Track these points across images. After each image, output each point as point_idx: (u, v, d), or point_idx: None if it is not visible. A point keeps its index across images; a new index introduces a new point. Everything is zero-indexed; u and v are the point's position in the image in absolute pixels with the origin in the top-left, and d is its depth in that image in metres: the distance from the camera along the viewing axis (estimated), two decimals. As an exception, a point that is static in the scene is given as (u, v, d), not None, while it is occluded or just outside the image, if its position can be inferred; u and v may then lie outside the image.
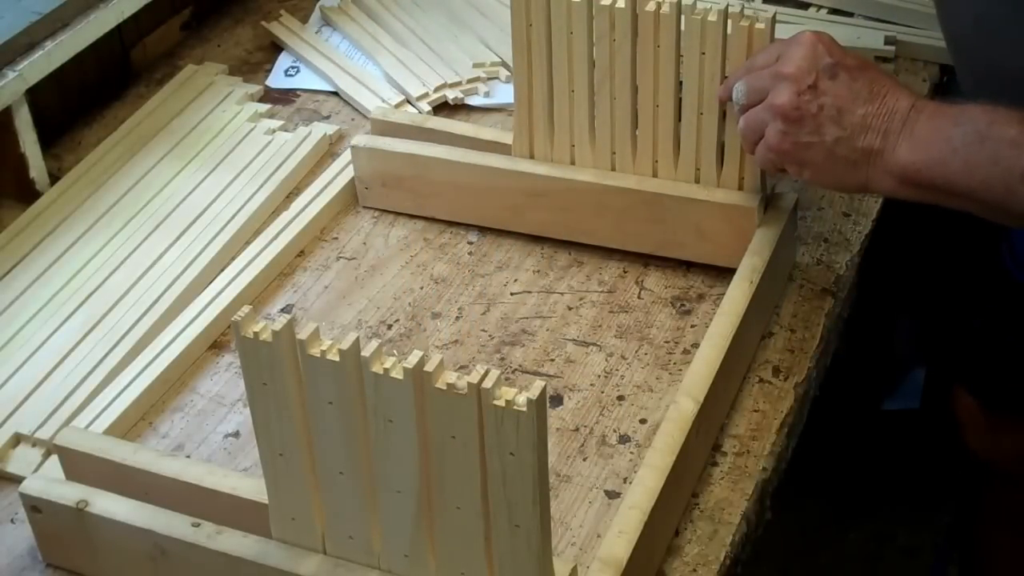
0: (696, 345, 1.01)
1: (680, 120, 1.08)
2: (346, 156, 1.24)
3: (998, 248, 1.26)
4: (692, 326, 1.08)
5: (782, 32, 1.05)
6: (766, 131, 0.99)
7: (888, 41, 1.38)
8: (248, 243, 1.17)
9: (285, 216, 1.19)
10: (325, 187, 1.22)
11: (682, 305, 1.10)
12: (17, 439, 0.99)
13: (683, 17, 1.03)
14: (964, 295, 1.46)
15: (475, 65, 1.38)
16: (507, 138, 1.16)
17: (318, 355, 0.73)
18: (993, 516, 1.46)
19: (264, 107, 1.35)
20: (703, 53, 1.03)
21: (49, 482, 0.89)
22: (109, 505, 0.86)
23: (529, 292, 1.13)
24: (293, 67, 1.43)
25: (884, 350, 1.88)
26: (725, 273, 1.08)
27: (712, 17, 1.02)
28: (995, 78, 1.07)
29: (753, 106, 1.00)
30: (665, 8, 1.03)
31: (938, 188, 0.94)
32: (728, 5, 1.02)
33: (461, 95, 1.34)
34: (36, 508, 0.88)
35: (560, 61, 1.09)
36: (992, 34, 1.05)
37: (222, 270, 1.13)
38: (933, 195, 0.95)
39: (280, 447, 0.78)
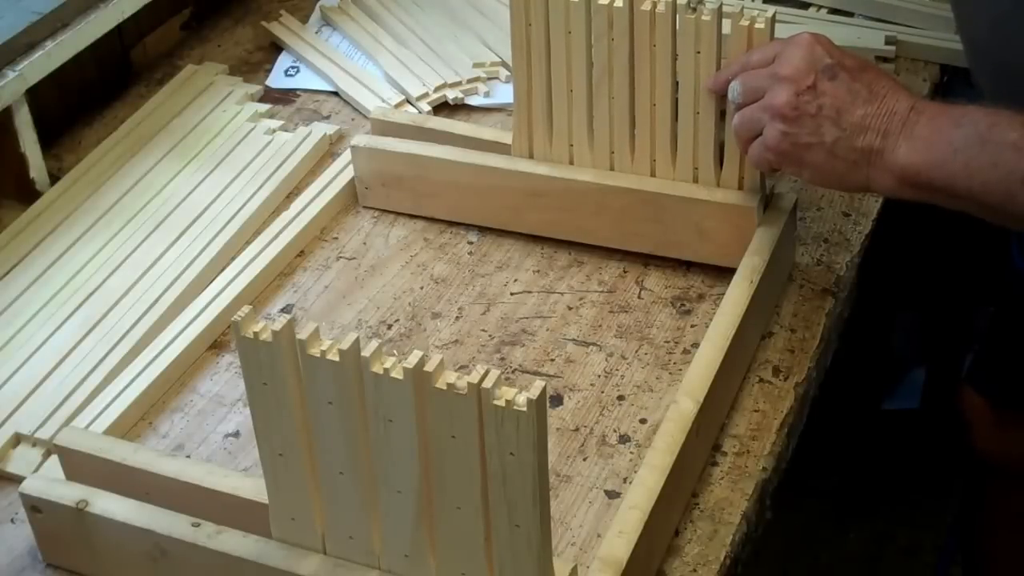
0: (696, 345, 1.01)
1: (677, 120, 1.08)
2: (346, 156, 1.24)
3: (1007, 245, 1.26)
4: (692, 326, 1.08)
5: (782, 32, 1.05)
6: (764, 131, 0.99)
7: (888, 41, 1.38)
8: (248, 243, 1.17)
9: (285, 216, 1.19)
10: (325, 187, 1.22)
11: (682, 305, 1.10)
12: (17, 439, 0.99)
13: (678, 16, 1.03)
14: (969, 292, 1.46)
15: (475, 65, 1.38)
16: (507, 138, 1.16)
17: (318, 355, 0.73)
18: (997, 515, 1.46)
19: (264, 107, 1.35)
20: (698, 52, 1.03)
21: (49, 482, 0.89)
22: (109, 505, 0.86)
23: (529, 292, 1.13)
24: (293, 67, 1.43)
25: (884, 350, 1.88)
26: (725, 273, 1.08)
27: (706, 16, 1.02)
28: (1012, 79, 1.07)
29: (748, 105, 1.00)
30: (661, 7, 1.03)
31: (938, 189, 0.94)
32: (722, 4, 1.02)
33: (461, 95, 1.34)
34: (36, 508, 0.88)
35: (559, 61, 1.09)
36: (1009, 36, 1.05)
37: (222, 270, 1.13)
38: (933, 196, 0.95)
39: (280, 447, 0.78)
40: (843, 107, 0.95)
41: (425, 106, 1.33)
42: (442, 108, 1.34)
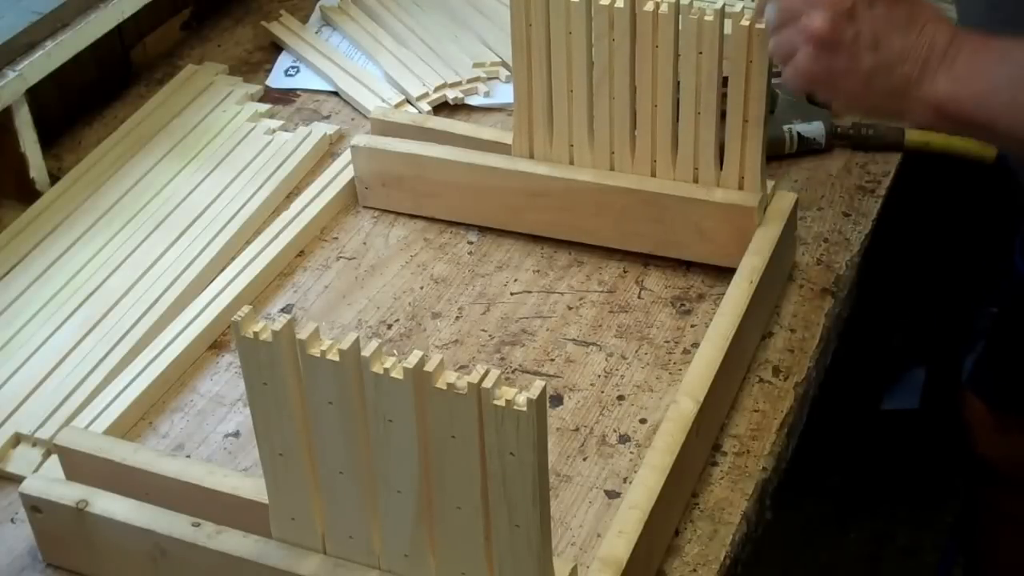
0: (696, 345, 1.01)
1: (678, 120, 1.08)
2: (346, 156, 1.24)
3: (1009, 245, 1.26)
4: (692, 326, 1.08)
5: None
6: (797, 55, 0.94)
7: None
8: (248, 243, 1.17)
9: (285, 216, 1.19)
10: (325, 187, 1.22)
11: (682, 305, 1.10)
12: (17, 439, 0.99)
13: (680, 17, 1.03)
14: (970, 292, 1.46)
15: (475, 65, 1.38)
16: (507, 138, 1.16)
17: (318, 355, 0.73)
18: (998, 518, 1.46)
19: (264, 107, 1.35)
20: (700, 53, 1.03)
21: (49, 482, 0.89)
22: (109, 505, 0.86)
23: (529, 292, 1.13)
24: (293, 67, 1.43)
25: (884, 350, 1.88)
26: (725, 273, 1.08)
27: (709, 16, 1.02)
28: None
29: (784, 27, 0.96)
30: (663, 8, 1.03)
31: (976, 124, 0.91)
32: (724, 4, 1.02)
33: (461, 95, 1.34)
34: (36, 508, 0.88)
35: (559, 61, 1.09)
36: (1006, 20, 1.04)
37: (222, 270, 1.13)
38: (970, 131, 0.91)
39: (280, 447, 0.78)
40: (881, 35, 0.91)
41: (425, 106, 1.33)
42: (442, 108, 1.34)
